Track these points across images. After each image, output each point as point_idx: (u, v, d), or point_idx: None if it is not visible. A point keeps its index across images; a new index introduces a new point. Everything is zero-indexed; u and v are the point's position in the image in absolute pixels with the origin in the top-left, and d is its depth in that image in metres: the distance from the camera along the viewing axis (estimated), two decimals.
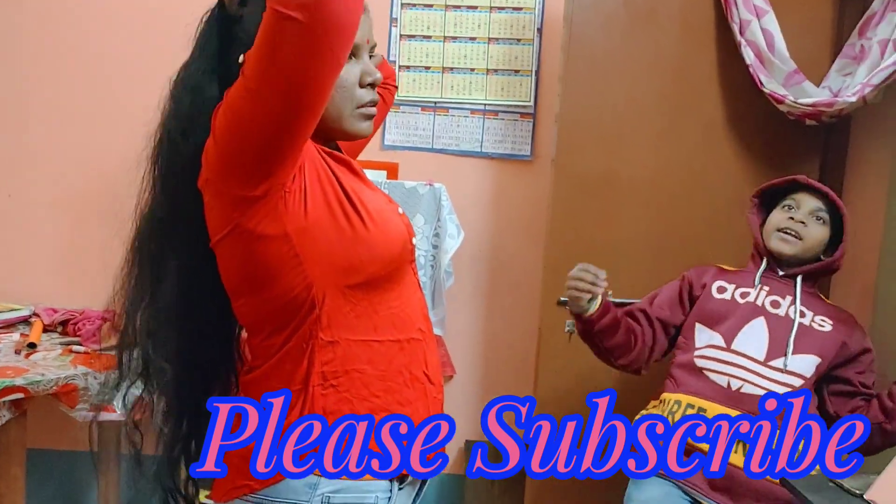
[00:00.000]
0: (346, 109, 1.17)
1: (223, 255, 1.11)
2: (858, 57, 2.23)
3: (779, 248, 1.89)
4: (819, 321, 1.86)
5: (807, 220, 1.89)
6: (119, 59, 2.81)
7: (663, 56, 2.43)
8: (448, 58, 2.86)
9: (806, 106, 2.20)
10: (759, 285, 1.93)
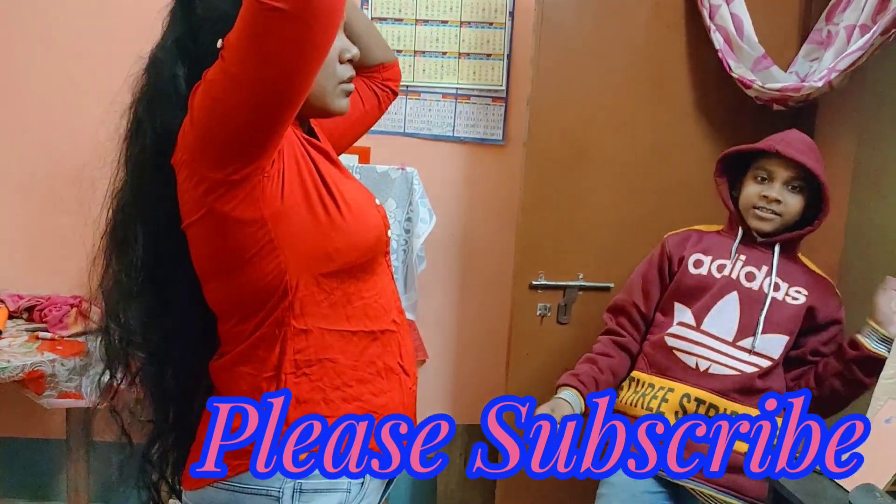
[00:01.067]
0: (329, 86, 1.16)
1: (195, 238, 1.09)
2: (825, 42, 2.26)
3: (758, 227, 1.84)
4: (793, 293, 1.83)
5: (782, 194, 1.81)
6: (84, 40, 2.75)
7: (634, 40, 2.44)
8: (420, 41, 2.84)
9: (773, 91, 2.22)
10: (736, 255, 1.88)
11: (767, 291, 1.82)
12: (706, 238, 1.96)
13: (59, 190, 2.78)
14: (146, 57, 1.13)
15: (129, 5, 2.69)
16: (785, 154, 1.77)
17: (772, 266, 1.85)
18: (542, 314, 2.53)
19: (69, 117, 2.76)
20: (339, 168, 1.20)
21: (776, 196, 1.80)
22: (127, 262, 1.14)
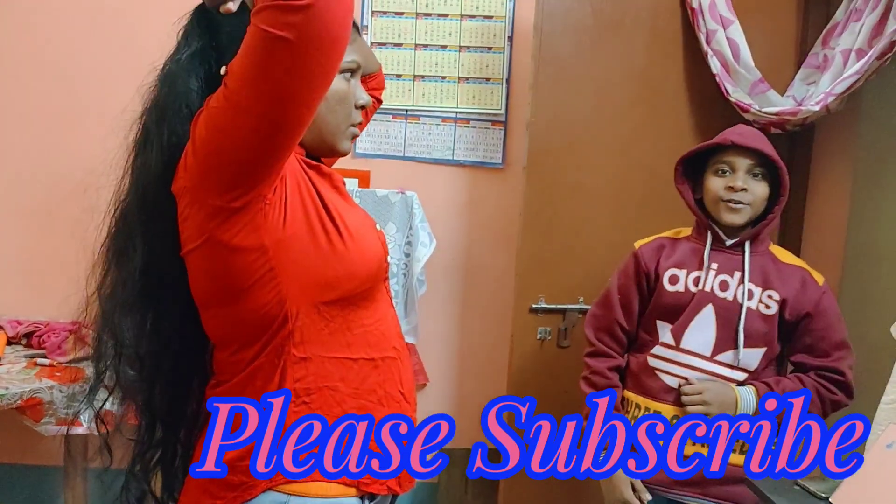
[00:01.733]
0: (343, 125, 1.18)
1: (194, 265, 1.09)
2: (822, 66, 2.27)
3: (731, 220, 1.78)
4: (766, 300, 1.79)
5: (747, 182, 1.76)
6: (82, 64, 2.77)
7: (631, 65, 2.46)
8: (419, 66, 2.86)
9: (770, 114, 2.24)
10: (709, 264, 1.83)
11: (742, 301, 1.79)
12: (678, 247, 1.91)
13: (57, 215, 2.78)
14: (160, 68, 1.13)
15: (126, 28, 2.72)
16: (742, 144, 1.75)
17: (744, 271, 1.80)
18: (543, 338, 2.52)
19: (67, 141, 2.77)
20: (342, 194, 1.20)
21: (742, 185, 1.76)
22: (124, 272, 1.14)
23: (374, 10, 2.83)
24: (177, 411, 1.23)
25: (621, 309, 1.94)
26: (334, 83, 1.12)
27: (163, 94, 1.10)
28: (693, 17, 2.38)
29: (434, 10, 2.83)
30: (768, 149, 1.77)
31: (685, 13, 2.42)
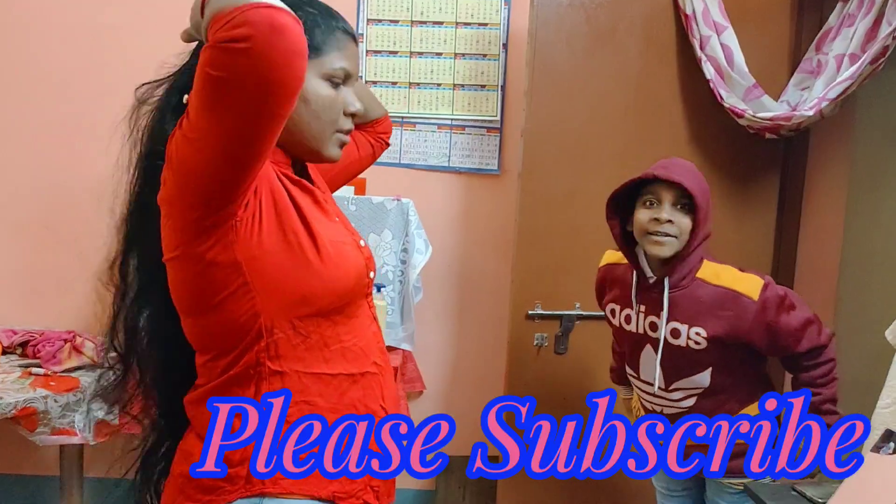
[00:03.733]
0: (328, 132, 1.17)
1: (173, 273, 1.10)
2: (815, 71, 2.28)
3: (657, 253, 1.75)
4: (694, 336, 1.76)
5: (673, 214, 1.73)
6: (81, 76, 2.77)
7: (626, 71, 2.46)
8: (414, 73, 2.87)
9: (765, 120, 2.24)
10: (637, 305, 1.84)
11: (663, 340, 1.79)
12: (616, 279, 1.93)
13: (53, 226, 2.78)
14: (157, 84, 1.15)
15: (124, 42, 2.72)
16: (664, 178, 1.73)
17: (665, 312, 1.78)
18: (540, 344, 2.52)
19: (65, 155, 2.77)
20: (321, 208, 1.19)
21: (667, 217, 1.73)
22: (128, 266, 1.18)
23: (370, 18, 2.83)
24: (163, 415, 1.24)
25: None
26: (318, 89, 1.13)
27: (150, 114, 1.14)
28: (687, 23, 2.39)
29: (429, 17, 2.84)
30: (688, 182, 1.73)
31: (679, 19, 2.43)
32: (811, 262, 2.43)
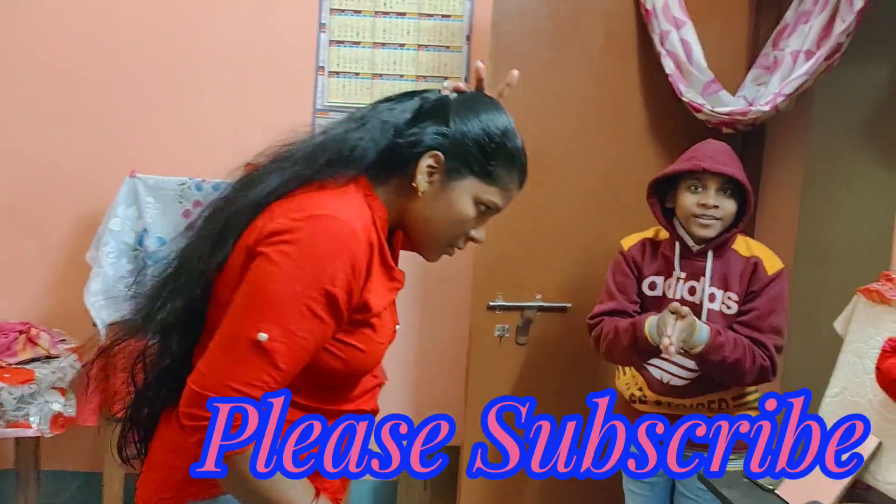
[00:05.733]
0: (444, 241, 1.20)
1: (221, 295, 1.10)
2: (772, 67, 2.32)
3: (703, 234, 1.91)
4: (727, 300, 1.92)
5: (718, 200, 1.89)
6: (37, 65, 2.71)
7: (587, 65, 2.48)
8: (378, 64, 2.86)
9: (722, 115, 2.28)
10: (679, 271, 1.96)
11: (703, 304, 1.92)
12: (656, 253, 2.04)
13: (14, 216, 2.73)
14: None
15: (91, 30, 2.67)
16: (713, 170, 1.87)
17: (706, 276, 1.93)
18: (501, 335, 2.54)
19: (24, 144, 2.71)
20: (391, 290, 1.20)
21: (714, 202, 1.88)
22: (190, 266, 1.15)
23: (333, 7, 2.81)
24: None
25: (622, 295, 2.04)
26: (466, 206, 1.17)
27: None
28: (647, 18, 2.41)
29: (392, 8, 2.83)
30: (735, 171, 1.88)
31: (639, 14, 2.45)
32: None
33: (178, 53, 2.80)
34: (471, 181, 1.16)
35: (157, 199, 2.59)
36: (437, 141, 1.13)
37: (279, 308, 1.01)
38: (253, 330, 1.00)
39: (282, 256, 1.01)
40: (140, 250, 2.60)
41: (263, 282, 1.01)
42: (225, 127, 2.85)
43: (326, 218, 1.04)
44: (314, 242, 1.02)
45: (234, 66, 2.82)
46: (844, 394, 1.60)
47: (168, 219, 2.60)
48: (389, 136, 1.14)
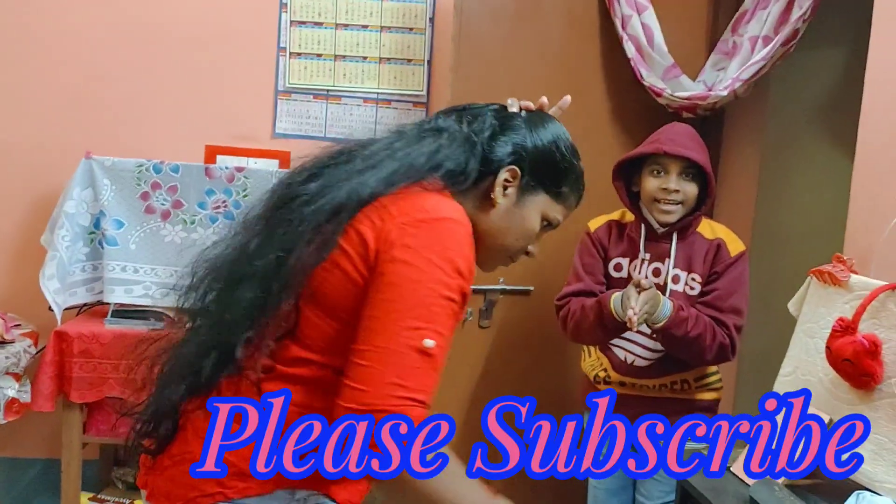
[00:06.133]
0: (506, 252, 1.24)
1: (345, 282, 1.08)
2: (731, 52, 2.34)
3: (664, 220, 1.94)
4: (690, 282, 1.96)
5: (679, 184, 1.91)
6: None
7: (549, 48, 2.48)
8: (340, 45, 2.83)
9: (682, 99, 2.30)
10: (644, 254, 2.00)
11: (667, 285, 1.96)
12: (622, 235, 2.07)
13: None
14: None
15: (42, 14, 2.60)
16: (673, 153, 1.89)
17: (670, 258, 1.97)
18: (464, 318, 2.54)
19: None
20: None
21: (675, 187, 1.90)
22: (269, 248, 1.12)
23: None
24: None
25: (589, 276, 2.07)
26: (533, 220, 1.22)
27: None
28: (609, 2, 2.42)
29: None
30: (696, 155, 1.90)
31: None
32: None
33: (136, 32, 2.74)
34: (542, 197, 1.22)
35: (114, 180, 2.54)
36: (515, 156, 1.19)
37: (434, 313, 1.02)
38: (417, 338, 1.00)
39: (425, 262, 1.03)
40: (97, 233, 2.55)
41: (414, 288, 1.02)
42: (184, 107, 2.80)
43: (452, 221, 1.08)
44: (449, 244, 1.05)
45: (193, 45, 2.77)
46: (797, 373, 1.64)
47: (126, 201, 2.56)
48: (478, 151, 1.18)
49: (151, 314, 2.53)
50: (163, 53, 2.76)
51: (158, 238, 2.59)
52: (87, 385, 2.39)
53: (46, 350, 2.37)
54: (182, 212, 2.59)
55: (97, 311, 2.61)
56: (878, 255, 1.67)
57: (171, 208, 2.59)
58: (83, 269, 2.57)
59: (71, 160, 2.52)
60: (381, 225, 1.06)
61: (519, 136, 1.20)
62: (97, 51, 2.71)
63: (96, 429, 2.49)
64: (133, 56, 2.74)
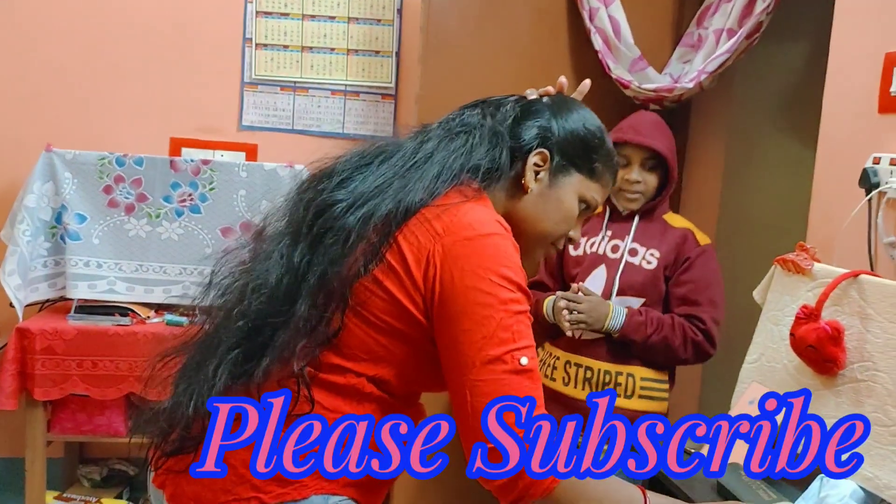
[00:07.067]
0: (546, 240, 1.21)
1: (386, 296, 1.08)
2: (696, 45, 2.37)
3: (627, 207, 2.00)
4: (648, 257, 1.98)
5: (641, 175, 1.96)
6: None
7: (517, 40, 2.49)
8: (307, 37, 2.81)
9: (649, 91, 2.32)
10: (605, 232, 2.03)
11: (623, 257, 1.99)
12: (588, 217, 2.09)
13: None
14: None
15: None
16: (635, 142, 1.94)
17: (630, 234, 2.01)
18: None
19: None
20: None
21: (636, 178, 1.96)
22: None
23: None
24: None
25: (545, 267, 2.09)
26: (572, 201, 1.20)
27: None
28: None
29: None
30: (658, 144, 1.95)
31: None
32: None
33: (98, 21, 2.69)
34: (576, 178, 1.20)
35: (76, 174, 2.49)
36: (542, 139, 1.17)
37: (515, 330, 1.02)
38: (512, 360, 1.01)
39: (488, 284, 1.02)
40: (58, 228, 2.50)
41: (490, 313, 1.02)
42: (147, 99, 2.76)
43: (497, 236, 1.06)
44: (501, 261, 1.04)
45: (156, 35, 2.73)
46: (762, 360, 1.67)
47: (88, 195, 2.51)
48: (506, 141, 1.17)
49: (116, 310, 2.49)
50: (126, 44, 2.71)
51: (122, 232, 2.55)
52: (50, 382, 2.34)
53: (8, 347, 2.32)
54: (147, 205, 2.55)
55: (60, 307, 2.56)
56: (840, 244, 1.71)
57: (135, 202, 2.54)
58: (45, 264, 2.52)
59: (31, 153, 2.47)
60: (425, 243, 1.05)
61: (543, 119, 1.20)
62: (57, 40, 2.65)
63: (61, 426, 2.44)
64: (95, 46, 2.69)
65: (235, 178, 2.56)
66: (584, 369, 1.97)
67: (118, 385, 2.37)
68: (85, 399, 2.41)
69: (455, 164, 1.13)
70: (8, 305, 2.38)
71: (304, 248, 1.09)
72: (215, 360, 1.10)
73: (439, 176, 1.11)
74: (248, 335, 1.09)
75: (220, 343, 1.11)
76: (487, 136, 1.16)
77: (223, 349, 1.10)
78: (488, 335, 1.01)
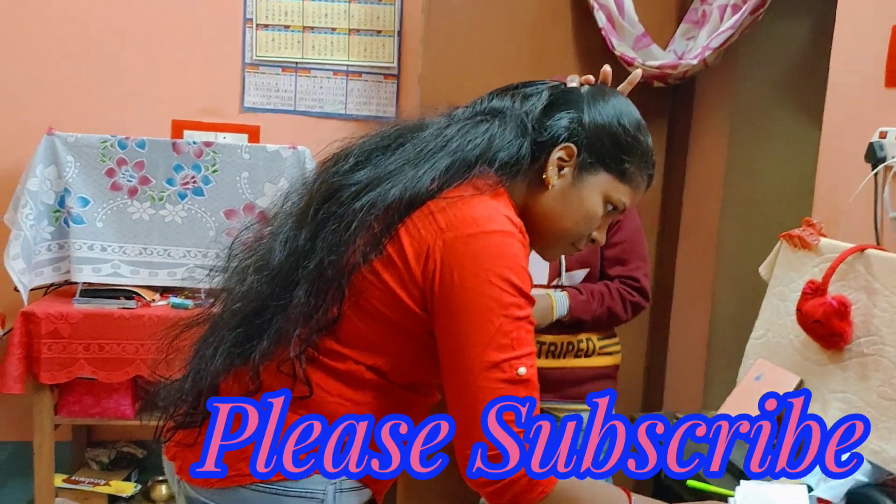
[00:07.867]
0: (568, 238, 1.15)
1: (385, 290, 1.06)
2: (700, 21, 2.35)
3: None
4: None
5: None
6: None
7: (520, 18, 2.47)
8: (308, 16, 2.79)
9: (653, 68, 2.31)
10: None
11: None
12: None
13: None
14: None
15: None
16: None
17: None
18: None
19: None
20: None
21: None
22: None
23: None
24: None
25: None
26: (595, 202, 1.13)
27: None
28: None
29: None
30: None
31: None
32: (695, 202, 2.55)
33: (99, 3, 2.67)
34: (604, 177, 1.12)
35: (78, 157, 2.48)
36: (570, 133, 1.10)
37: (515, 337, 0.99)
38: (510, 369, 0.98)
39: (489, 286, 0.98)
40: (62, 211, 2.50)
41: (490, 317, 0.98)
42: (149, 81, 2.75)
43: (503, 234, 1.02)
44: (503, 262, 1.00)
45: (157, 17, 2.71)
46: (768, 335, 1.67)
47: (90, 178, 2.50)
48: (530, 132, 1.11)
49: (121, 293, 2.49)
50: (125, 25, 2.70)
51: (126, 215, 2.55)
52: (56, 366, 2.35)
53: (14, 331, 2.33)
54: (150, 188, 2.54)
55: (65, 291, 2.56)
56: (846, 219, 1.70)
57: (137, 185, 2.54)
58: (49, 248, 2.52)
59: (33, 137, 2.46)
60: (426, 238, 1.02)
61: (575, 111, 1.11)
62: (58, 23, 2.64)
63: (68, 409, 2.45)
64: (96, 29, 2.67)
65: (238, 159, 2.55)
66: (548, 345, 2.01)
67: (125, 368, 2.38)
68: (92, 382, 2.42)
69: (471, 155, 1.07)
70: (13, 290, 2.39)
71: (307, 232, 1.07)
72: (217, 339, 1.10)
73: (451, 166, 1.06)
74: (249, 316, 1.09)
75: (223, 323, 1.12)
76: (510, 125, 1.11)
77: (225, 328, 1.11)
78: (487, 340, 0.98)
